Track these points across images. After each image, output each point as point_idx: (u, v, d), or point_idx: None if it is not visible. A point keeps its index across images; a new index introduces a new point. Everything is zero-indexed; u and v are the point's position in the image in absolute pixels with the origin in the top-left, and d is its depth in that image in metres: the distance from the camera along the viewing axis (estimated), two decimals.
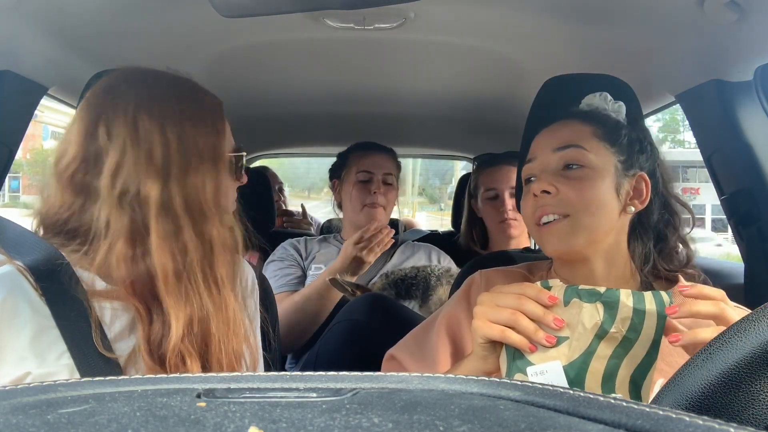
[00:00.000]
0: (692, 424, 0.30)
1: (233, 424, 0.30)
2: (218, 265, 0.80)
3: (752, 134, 1.25)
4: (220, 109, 0.89)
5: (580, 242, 0.89)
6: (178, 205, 0.78)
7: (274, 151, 3.00)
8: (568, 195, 0.89)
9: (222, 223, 0.82)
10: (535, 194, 0.90)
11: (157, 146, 0.78)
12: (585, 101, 0.99)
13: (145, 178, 0.77)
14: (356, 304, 1.46)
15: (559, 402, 0.34)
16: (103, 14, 1.18)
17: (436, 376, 0.38)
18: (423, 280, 1.63)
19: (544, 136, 0.97)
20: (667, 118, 16.94)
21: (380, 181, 1.82)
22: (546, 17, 1.25)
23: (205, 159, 0.81)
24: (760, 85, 1.25)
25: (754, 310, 0.51)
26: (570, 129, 0.94)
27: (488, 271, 1.04)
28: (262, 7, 0.86)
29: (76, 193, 0.79)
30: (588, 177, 0.90)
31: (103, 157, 0.78)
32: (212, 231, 0.80)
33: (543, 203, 0.90)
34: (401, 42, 1.42)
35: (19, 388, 0.37)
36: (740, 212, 1.30)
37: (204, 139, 0.82)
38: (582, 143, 0.91)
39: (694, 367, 0.50)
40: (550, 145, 0.93)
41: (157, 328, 0.76)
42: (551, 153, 0.92)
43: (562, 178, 0.90)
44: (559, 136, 0.94)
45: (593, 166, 0.90)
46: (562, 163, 0.91)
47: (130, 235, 0.76)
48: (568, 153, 0.91)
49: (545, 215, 0.90)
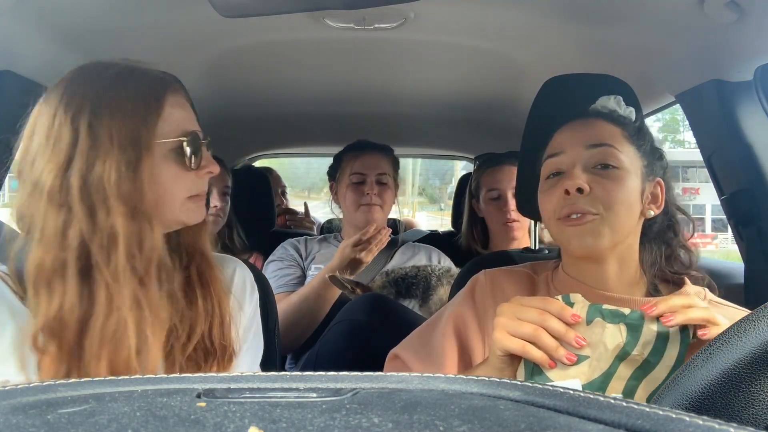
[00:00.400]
0: (692, 424, 0.30)
1: (233, 424, 0.30)
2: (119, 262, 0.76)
3: (752, 134, 1.25)
4: (155, 93, 0.82)
5: (605, 242, 0.89)
6: (74, 195, 0.75)
7: (274, 151, 3.00)
8: (601, 194, 0.88)
9: (137, 216, 0.77)
10: (568, 191, 0.89)
11: (64, 137, 0.76)
12: (600, 102, 0.98)
13: (47, 171, 0.76)
14: (356, 304, 1.46)
15: (559, 402, 0.34)
16: (103, 14, 1.18)
17: (436, 376, 0.38)
18: (423, 280, 1.62)
19: (571, 131, 0.95)
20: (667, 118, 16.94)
21: (373, 181, 1.81)
22: (546, 17, 1.25)
23: (117, 147, 0.77)
24: (760, 85, 1.25)
25: (754, 310, 0.51)
26: (600, 128, 0.93)
27: (493, 270, 1.03)
28: (262, 7, 0.86)
29: None
30: (620, 177, 0.89)
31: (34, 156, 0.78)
32: (116, 224, 0.76)
33: (574, 201, 0.89)
34: (401, 42, 1.42)
35: (19, 388, 0.37)
36: (740, 212, 1.30)
37: (119, 126, 0.78)
38: (614, 143, 0.91)
39: (694, 367, 0.50)
40: (581, 141, 0.92)
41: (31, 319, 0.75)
42: (583, 149, 0.91)
43: (595, 176, 0.89)
44: (590, 133, 0.93)
45: (625, 167, 0.90)
46: (594, 161, 0.90)
47: (25, 228, 0.77)
48: (602, 151, 0.90)
49: (575, 213, 0.89)
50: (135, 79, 0.82)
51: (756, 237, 1.28)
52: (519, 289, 0.98)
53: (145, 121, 0.80)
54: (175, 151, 0.83)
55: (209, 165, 0.86)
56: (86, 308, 0.75)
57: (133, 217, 0.77)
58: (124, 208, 0.76)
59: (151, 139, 0.80)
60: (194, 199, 0.86)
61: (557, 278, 0.99)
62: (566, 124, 0.97)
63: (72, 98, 0.78)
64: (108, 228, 0.76)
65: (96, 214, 0.76)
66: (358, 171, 1.81)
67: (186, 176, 0.84)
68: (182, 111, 0.85)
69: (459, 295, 1.03)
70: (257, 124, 2.31)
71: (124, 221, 0.76)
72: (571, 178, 0.89)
